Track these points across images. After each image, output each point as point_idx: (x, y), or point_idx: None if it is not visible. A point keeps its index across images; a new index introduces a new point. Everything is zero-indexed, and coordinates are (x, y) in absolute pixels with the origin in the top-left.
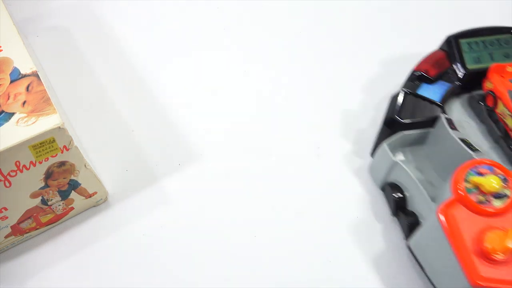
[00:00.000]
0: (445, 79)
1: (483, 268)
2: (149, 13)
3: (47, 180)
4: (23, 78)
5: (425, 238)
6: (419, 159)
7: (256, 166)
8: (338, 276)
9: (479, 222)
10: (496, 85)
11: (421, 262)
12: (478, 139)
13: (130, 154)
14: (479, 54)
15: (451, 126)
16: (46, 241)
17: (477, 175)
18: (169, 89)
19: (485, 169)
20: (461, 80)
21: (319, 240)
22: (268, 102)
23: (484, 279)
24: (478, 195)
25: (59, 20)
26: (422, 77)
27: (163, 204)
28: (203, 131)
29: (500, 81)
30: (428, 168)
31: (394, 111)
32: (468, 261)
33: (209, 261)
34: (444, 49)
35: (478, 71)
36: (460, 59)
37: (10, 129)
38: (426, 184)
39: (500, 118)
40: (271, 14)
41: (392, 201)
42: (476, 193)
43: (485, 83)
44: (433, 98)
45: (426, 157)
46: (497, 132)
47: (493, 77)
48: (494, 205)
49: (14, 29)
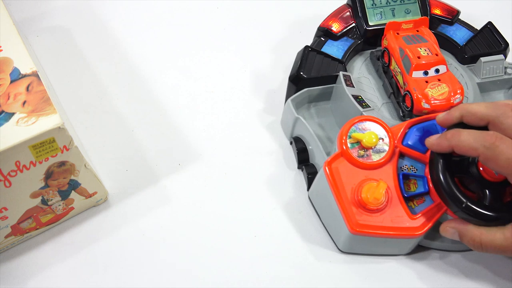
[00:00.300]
0: (350, 36)
1: (360, 216)
2: (149, 13)
3: (47, 180)
4: (23, 78)
5: (317, 189)
6: (323, 115)
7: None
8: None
9: (359, 175)
10: (389, 42)
11: (317, 210)
12: (373, 95)
13: (130, 154)
14: (382, 10)
15: (347, 83)
16: (46, 241)
17: (359, 131)
18: (169, 89)
19: (366, 125)
20: (363, 37)
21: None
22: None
23: (360, 226)
24: (359, 149)
25: (59, 20)
26: (328, 33)
27: (163, 204)
28: (203, 131)
29: (394, 38)
30: (332, 124)
31: (298, 68)
32: (348, 211)
33: (209, 261)
34: (349, 4)
35: (378, 27)
36: (363, 15)
37: (10, 129)
38: (325, 139)
39: (393, 75)
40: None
41: (296, 154)
42: (357, 147)
43: (383, 40)
44: (336, 55)
45: (331, 113)
46: (389, 89)
47: (388, 34)
48: (373, 159)
49: (14, 29)
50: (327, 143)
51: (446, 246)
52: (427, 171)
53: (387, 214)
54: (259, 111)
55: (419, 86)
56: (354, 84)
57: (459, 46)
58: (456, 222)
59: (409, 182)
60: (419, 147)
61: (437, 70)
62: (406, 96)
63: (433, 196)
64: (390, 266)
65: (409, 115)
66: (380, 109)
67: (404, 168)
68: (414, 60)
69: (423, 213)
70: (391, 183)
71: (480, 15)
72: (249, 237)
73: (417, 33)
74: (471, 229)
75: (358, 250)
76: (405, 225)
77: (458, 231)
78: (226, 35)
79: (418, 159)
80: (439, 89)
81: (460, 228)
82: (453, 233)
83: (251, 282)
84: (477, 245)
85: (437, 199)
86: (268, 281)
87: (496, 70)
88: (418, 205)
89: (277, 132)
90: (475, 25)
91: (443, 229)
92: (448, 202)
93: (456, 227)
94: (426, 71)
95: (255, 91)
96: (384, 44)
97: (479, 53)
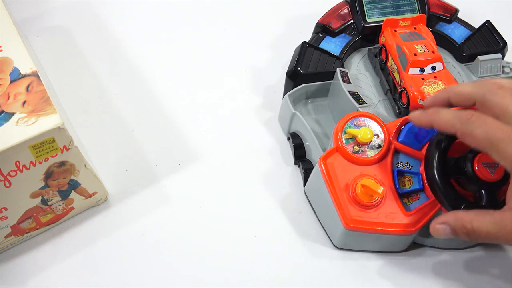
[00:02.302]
0: (348, 32)
1: (355, 212)
2: (149, 13)
3: (47, 180)
4: (23, 78)
5: (313, 185)
6: (321, 111)
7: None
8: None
9: (354, 170)
10: (387, 39)
11: (313, 207)
12: (370, 91)
13: (130, 154)
14: (380, 7)
15: (344, 79)
16: (46, 241)
17: (354, 127)
18: (169, 89)
19: (362, 121)
20: (361, 33)
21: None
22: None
23: (355, 221)
24: (354, 145)
25: (59, 20)
26: (326, 30)
27: (163, 204)
28: (203, 131)
29: (391, 35)
30: (329, 120)
31: (296, 63)
32: (343, 206)
33: (209, 261)
34: (348, 1)
35: (376, 24)
36: (361, 12)
37: (10, 129)
38: (322, 136)
39: (390, 72)
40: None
41: (292, 150)
42: (352, 143)
43: (380, 37)
44: (334, 51)
45: (328, 109)
46: (386, 86)
47: (386, 31)
48: (367, 155)
49: (14, 29)
50: (324, 139)
51: (440, 243)
52: (422, 168)
53: (381, 210)
54: (259, 111)
55: (415, 83)
56: (351, 80)
57: (457, 44)
58: (444, 216)
59: (404, 179)
60: (414, 144)
61: (434, 68)
62: (402, 93)
63: (428, 193)
64: (386, 263)
65: (405, 112)
66: (376, 105)
67: (399, 165)
68: (410, 57)
69: (417, 210)
70: (386, 180)
71: (479, 13)
72: (249, 237)
73: (415, 30)
74: (461, 215)
75: (353, 246)
76: (399, 222)
77: (448, 225)
78: (226, 35)
79: (413, 156)
80: (435, 86)
81: (450, 220)
82: (444, 230)
83: (251, 282)
84: (470, 232)
85: (431, 196)
86: (268, 281)
87: (493, 69)
88: (413, 202)
89: (276, 129)
90: (474, 23)
91: (433, 229)
92: (446, 204)
93: (446, 221)
94: (423, 68)
95: (255, 91)
96: (382, 41)
97: (477, 52)
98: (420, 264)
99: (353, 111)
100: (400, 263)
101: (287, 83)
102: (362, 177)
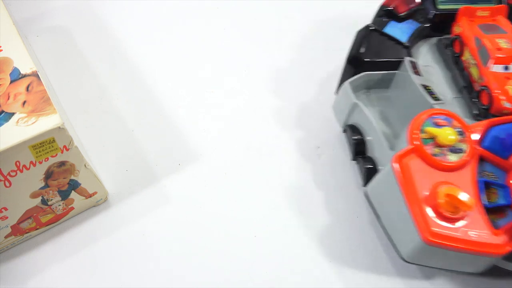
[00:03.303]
0: (415, 18)
1: (435, 223)
2: (149, 13)
3: (47, 180)
4: (23, 78)
5: (381, 186)
6: (384, 104)
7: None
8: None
9: (433, 175)
10: (464, 30)
11: (377, 211)
12: (442, 87)
13: (130, 154)
14: None
15: (415, 71)
16: (46, 241)
17: (434, 126)
18: (169, 89)
19: (443, 120)
20: (431, 21)
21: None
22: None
23: (436, 235)
24: (433, 147)
25: (59, 20)
26: (390, 14)
27: (163, 204)
28: (203, 131)
29: (469, 26)
30: (392, 114)
31: (358, 49)
32: (421, 215)
33: (209, 261)
34: None
35: (449, 12)
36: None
37: (10, 129)
38: (387, 131)
39: (466, 66)
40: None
41: (351, 144)
42: (431, 144)
43: (454, 27)
44: (400, 38)
45: (391, 102)
46: (461, 82)
47: (462, 21)
48: (449, 159)
49: (14, 29)
50: (390, 136)
51: None
52: (510, 180)
53: (465, 225)
54: (259, 111)
55: (499, 82)
56: (421, 72)
57: None
58: None
59: (488, 191)
60: (500, 151)
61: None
62: (482, 92)
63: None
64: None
65: (485, 114)
66: (451, 104)
67: (484, 175)
68: (493, 52)
69: (508, 229)
70: (469, 190)
71: None
72: (249, 237)
73: (494, 22)
74: None
75: (426, 262)
76: (487, 241)
77: None
78: (226, 35)
79: (498, 165)
80: None
81: None
82: None
83: (251, 282)
84: None
85: None
86: (268, 281)
87: None
88: (501, 219)
89: (276, 129)
90: None
91: None
92: None
93: None
94: (507, 65)
95: (255, 91)
96: (456, 31)
97: None
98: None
99: (424, 107)
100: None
101: (346, 70)
102: (443, 184)
